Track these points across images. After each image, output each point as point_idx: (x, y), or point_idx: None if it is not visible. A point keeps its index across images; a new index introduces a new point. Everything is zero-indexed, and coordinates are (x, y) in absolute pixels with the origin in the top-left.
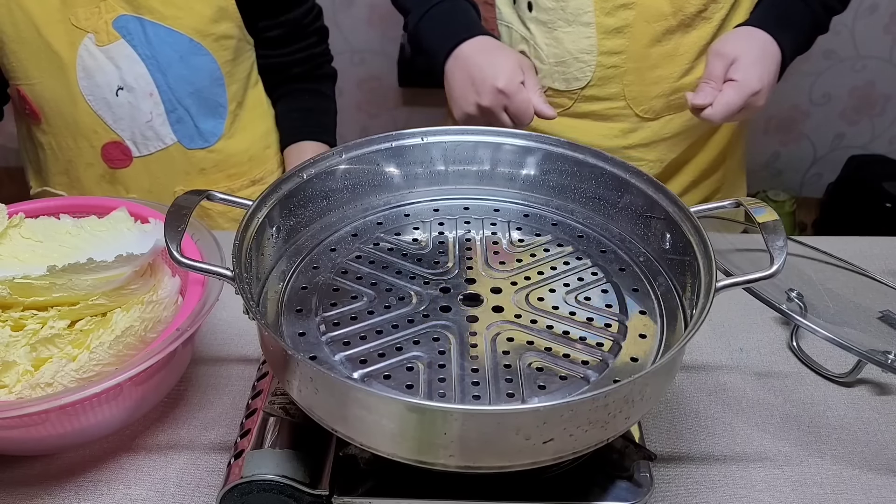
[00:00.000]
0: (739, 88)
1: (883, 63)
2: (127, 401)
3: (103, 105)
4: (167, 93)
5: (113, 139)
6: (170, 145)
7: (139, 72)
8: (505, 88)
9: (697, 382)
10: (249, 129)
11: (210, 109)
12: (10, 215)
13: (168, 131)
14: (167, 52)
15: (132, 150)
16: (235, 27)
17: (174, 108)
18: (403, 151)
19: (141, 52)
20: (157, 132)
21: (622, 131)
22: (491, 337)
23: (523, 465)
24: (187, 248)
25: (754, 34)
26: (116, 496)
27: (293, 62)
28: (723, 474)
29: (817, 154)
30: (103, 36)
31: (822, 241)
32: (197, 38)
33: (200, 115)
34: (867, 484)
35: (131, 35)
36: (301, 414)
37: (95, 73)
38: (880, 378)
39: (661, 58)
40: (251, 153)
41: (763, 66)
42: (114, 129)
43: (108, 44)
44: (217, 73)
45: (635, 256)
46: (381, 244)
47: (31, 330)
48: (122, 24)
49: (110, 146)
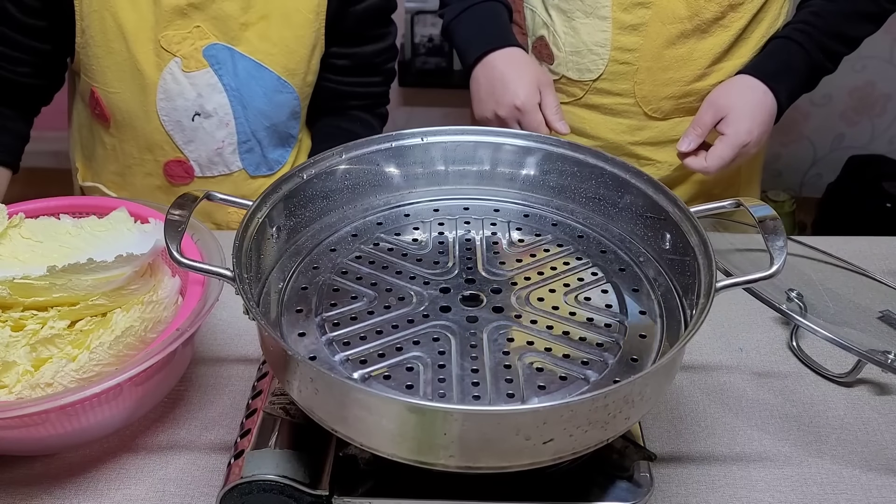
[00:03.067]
0: (729, 142)
1: (883, 63)
2: (127, 401)
3: (177, 127)
4: (244, 125)
5: (178, 157)
6: (234, 172)
7: (220, 101)
8: (522, 106)
9: (697, 382)
10: (305, 151)
11: (281, 140)
12: (10, 215)
13: (236, 159)
14: (253, 86)
15: (195, 170)
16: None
17: (247, 140)
18: (403, 151)
19: (226, 82)
20: (225, 159)
21: (630, 128)
22: (491, 337)
23: (523, 466)
24: (187, 248)
25: (750, 87)
26: (116, 496)
27: (351, 94)
28: (723, 474)
29: (817, 154)
30: (191, 62)
31: (821, 240)
32: (285, 77)
33: (271, 147)
34: (867, 484)
35: (220, 65)
36: (301, 414)
37: (176, 97)
38: (880, 378)
39: (674, 60)
40: None
41: (753, 120)
42: (182, 150)
43: (194, 70)
44: (297, 109)
45: (635, 256)
46: (381, 244)
47: (31, 330)
48: (213, 53)
49: (174, 163)
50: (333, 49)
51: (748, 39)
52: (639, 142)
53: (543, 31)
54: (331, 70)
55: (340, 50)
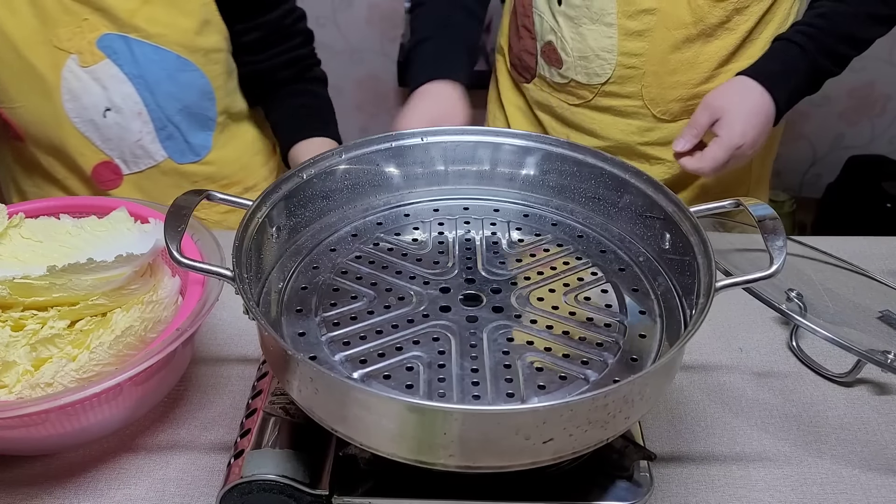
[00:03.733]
0: (722, 144)
1: (883, 63)
2: (127, 401)
3: (90, 127)
4: (156, 111)
5: (102, 159)
6: (160, 162)
7: (126, 91)
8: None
9: (697, 382)
10: (239, 138)
11: (200, 123)
12: (10, 215)
13: (158, 148)
14: (155, 70)
15: (122, 168)
16: (223, 39)
17: (164, 126)
18: (403, 151)
19: (127, 71)
20: (147, 150)
21: (640, 129)
22: (491, 337)
23: (523, 465)
24: (187, 248)
25: (749, 88)
26: (116, 496)
27: (278, 66)
28: (723, 474)
29: (817, 154)
30: (87, 56)
31: (821, 240)
32: (185, 55)
33: (190, 130)
34: (867, 484)
35: (117, 54)
36: (301, 414)
37: (81, 94)
38: (880, 378)
39: (680, 64)
40: (242, 162)
41: (748, 123)
42: (102, 150)
43: (92, 64)
44: (207, 87)
45: (635, 256)
46: (380, 244)
47: (31, 330)
48: (107, 44)
49: (100, 167)
50: (239, 26)
51: (756, 41)
52: (649, 142)
53: (551, 37)
54: (247, 50)
55: (247, 24)
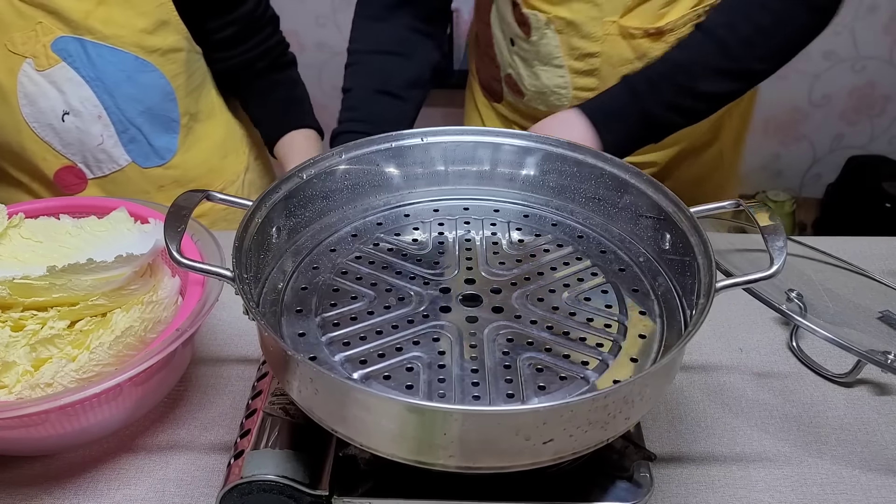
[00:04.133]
0: None
1: (883, 63)
2: (127, 401)
3: (49, 131)
4: (116, 114)
5: (65, 164)
6: (124, 166)
7: (84, 94)
8: None
9: (697, 382)
10: (204, 140)
11: (163, 126)
12: (10, 215)
13: (121, 152)
14: (112, 72)
15: (86, 172)
16: (182, 39)
17: (126, 129)
18: (403, 152)
19: (84, 74)
20: (110, 154)
21: None
22: (491, 337)
23: (523, 466)
24: (187, 248)
25: (572, 124)
26: (116, 496)
27: (255, 58)
28: (723, 474)
29: (817, 154)
30: (42, 60)
31: (821, 241)
32: (142, 56)
33: (153, 133)
34: (867, 484)
35: (72, 57)
36: (301, 414)
37: (38, 98)
38: (880, 378)
39: None
40: (209, 165)
41: None
42: (64, 155)
43: (48, 68)
44: (167, 88)
45: (635, 256)
46: (380, 244)
47: (30, 330)
48: (62, 47)
49: (63, 172)
50: (213, 23)
51: None
52: None
53: (510, 71)
54: (222, 46)
55: (221, 20)
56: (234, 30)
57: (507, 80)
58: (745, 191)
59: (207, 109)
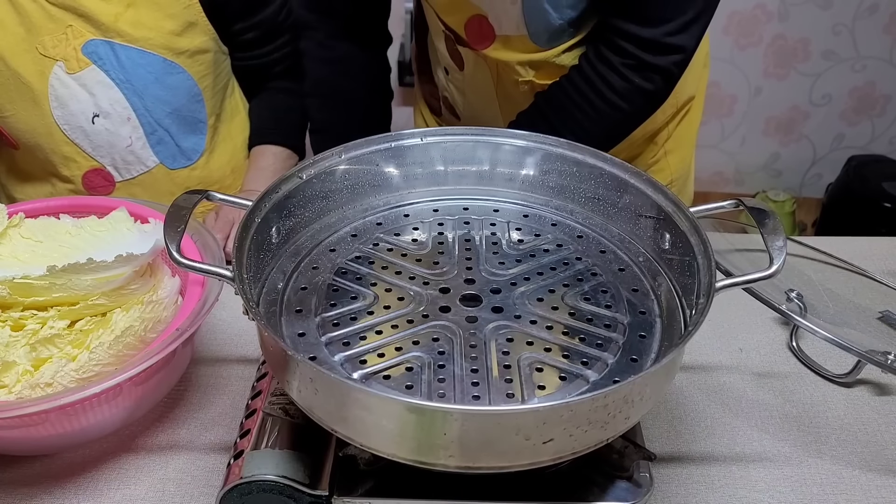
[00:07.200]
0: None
1: (883, 63)
2: (127, 401)
3: (80, 134)
4: (145, 115)
5: (93, 166)
6: (152, 168)
7: (114, 97)
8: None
9: (697, 382)
10: (229, 140)
11: (190, 127)
12: (10, 215)
13: (150, 154)
14: (142, 74)
15: (114, 175)
16: (210, 40)
17: (154, 130)
18: (403, 152)
19: (114, 76)
20: (139, 156)
21: None
22: (491, 337)
23: (523, 466)
24: (187, 248)
25: None
26: (116, 496)
27: (273, 62)
28: (723, 474)
29: (817, 154)
30: (73, 63)
31: (821, 241)
32: (171, 57)
33: (181, 134)
34: (867, 484)
35: (102, 60)
36: (301, 414)
37: (69, 101)
38: (880, 378)
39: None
40: (233, 164)
41: None
42: (93, 157)
43: (78, 71)
44: (195, 89)
45: (635, 256)
46: (380, 244)
47: (30, 330)
48: (92, 50)
49: (91, 174)
50: (238, 25)
51: None
52: None
53: (447, 94)
54: (244, 47)
55: (246, 23)
56: (256, 33)
57: (444, 102)
58: (745, 191)
59: (231, 109)
